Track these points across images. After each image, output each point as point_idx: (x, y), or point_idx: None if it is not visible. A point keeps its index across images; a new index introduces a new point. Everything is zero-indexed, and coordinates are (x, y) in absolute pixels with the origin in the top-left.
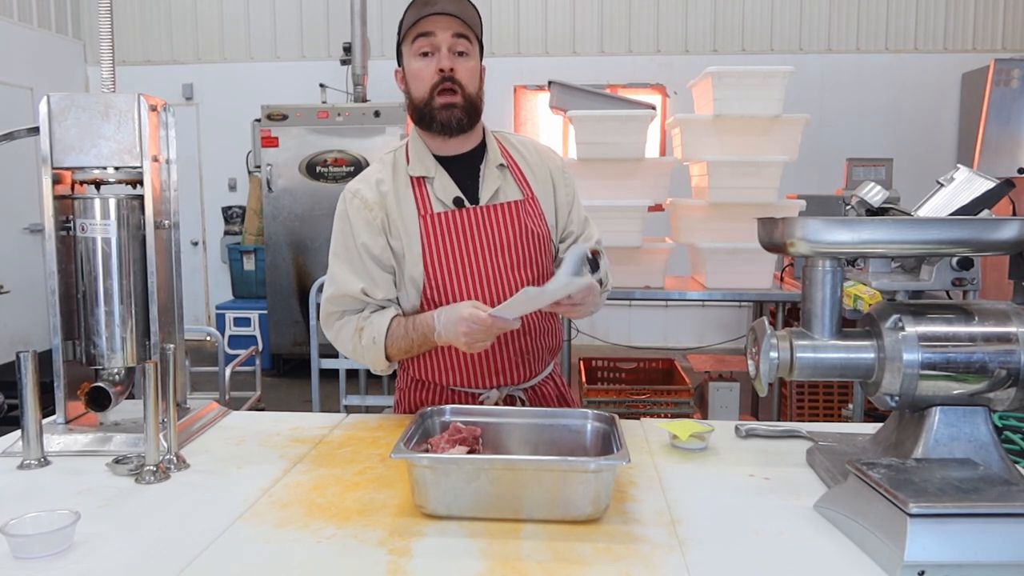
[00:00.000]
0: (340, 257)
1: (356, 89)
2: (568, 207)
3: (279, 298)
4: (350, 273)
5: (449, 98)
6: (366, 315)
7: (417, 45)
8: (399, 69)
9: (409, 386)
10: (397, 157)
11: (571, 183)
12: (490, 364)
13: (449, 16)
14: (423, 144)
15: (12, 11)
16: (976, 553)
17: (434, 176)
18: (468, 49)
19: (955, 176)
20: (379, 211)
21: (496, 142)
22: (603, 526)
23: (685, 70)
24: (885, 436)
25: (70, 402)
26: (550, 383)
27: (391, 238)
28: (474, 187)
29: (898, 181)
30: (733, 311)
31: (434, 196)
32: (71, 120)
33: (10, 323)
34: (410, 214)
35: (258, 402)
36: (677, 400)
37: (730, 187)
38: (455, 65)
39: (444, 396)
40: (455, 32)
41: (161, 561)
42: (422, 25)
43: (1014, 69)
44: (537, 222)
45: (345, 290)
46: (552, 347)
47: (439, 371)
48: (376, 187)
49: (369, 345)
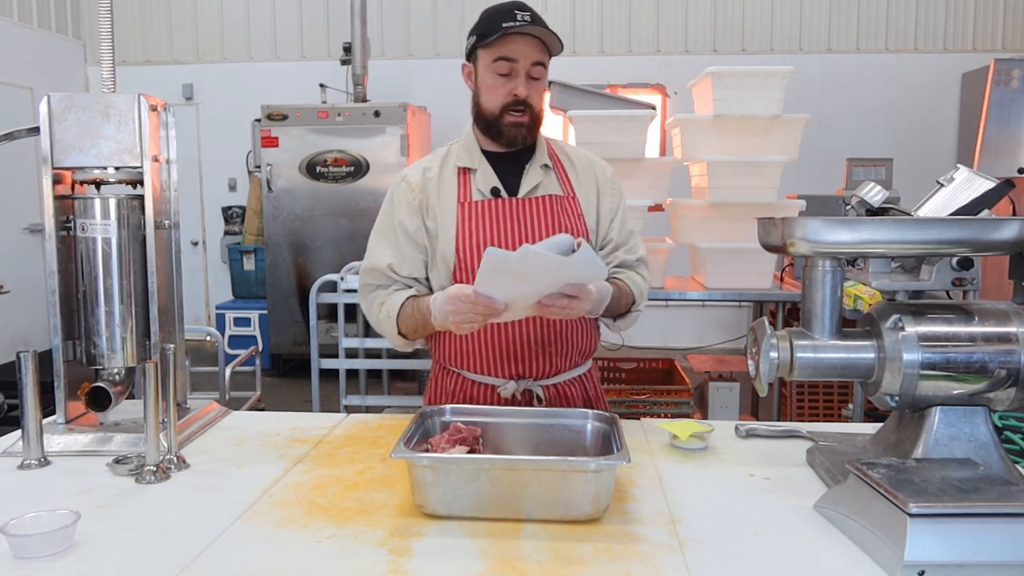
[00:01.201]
0: (379, 232)
1: (356, 89)
2: (611, 216)
3: (279, 298)
4: (384, 248)
5: (518, 118)
6: (389, 292)
7: (497, 65)
8: (467, 64)
9: (436, 376)
10: (451, 149)
11: (618, 195)
12: (506, 351)
13: (531, 38)
14: (474, 139)
15: (12, 11)
16: (976, 553)
17: (477, 168)
18: (542, 73)
19: (955, 176)
20: (419, 193)
21: (547, 145)
22: (603, 526)
23: (685, 70)
24: (885, 436)
25: (70, 402)
26: (576, 385)
27: (427, 219)
28: (516, 182)
29: (898, 181)
30: (733, 311)
31: (475, 186)
32: (71, 120)
33: (10, 323)
34: (449, 200)
35: (258, 402)
36: (677, 400)
37: (730, 187)
38: (530, 91)
39: (465, 388)
40: (535, 61)
41: (161, 561)
42: (506, 47)
43: (1014, 69)
44: (574, 219)
45: (375, 263)
46: (582, 348)
47: (458, 356)
48: (422, 173)
49: (385, 320)
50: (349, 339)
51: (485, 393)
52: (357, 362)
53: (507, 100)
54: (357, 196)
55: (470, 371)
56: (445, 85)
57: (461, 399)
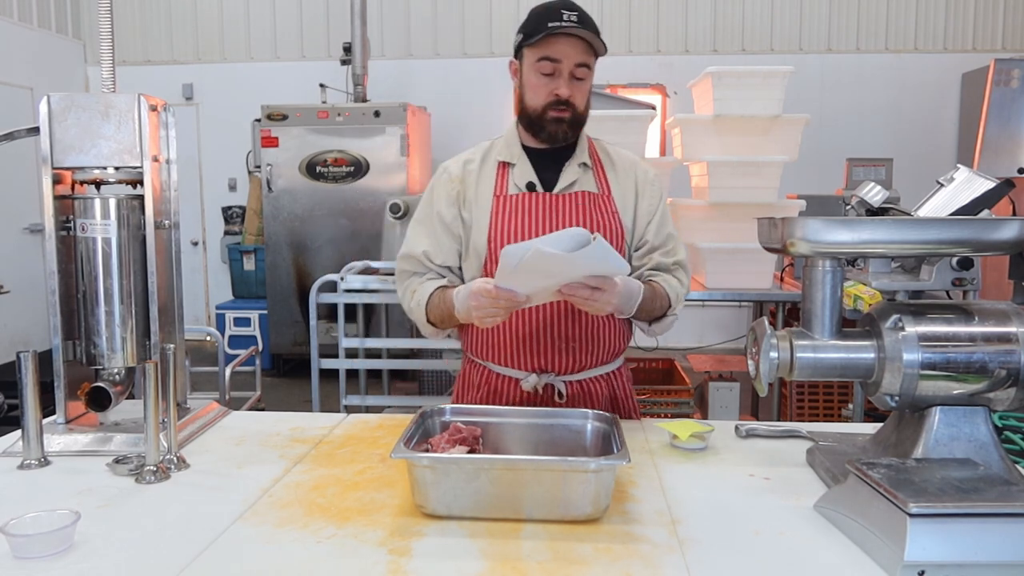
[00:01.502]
0: (419, 221)
1: (356, 89)
2: (648, 218)
3: (279, 298)
4: (421, 236)
5: (560, 114)
6: (422, 280)
7: (541, 64)
8: (514, 61)
9: (465, 369)
10: (494, 143)
11: (657, 197)
12: (529, 345)
13: (576, 39)
14: (516, 134)
15: (12, 11)
16: (976, 553)
17: (516, 163)
18: (587, 74)
19: (955, 176)
20: (458, 184)
21: (589, 144)
22: (603, 526)
23: (685, 70)
24: (885, 436)
25: (70, 402)
26: (602, 383)
27: (463, 209)
28: (554, 179)
29: (898, 181)
30: (733, 311)
31: (512, 180)
32: (71, 120)
33: (10, 323)
34: (486, 192)
35: (258, 402)
36: (677, 400)
37: (730, 187)
38: (573, 91)
39: (490, 380)
40: (578, 62)
41: (161, 561)
42: (550, 47)
43: (1014, 69)
44: (608, 217)
45: (411, 250)
46: (609, 347)
47: (484, 347)
48: (463, 165)
49: (416, 308)
50: (349, 339)
51: (509, 386)
52: (357, 362)
53: (549, 100)
54: (357, 196)
55: (495, 363)
56: (445, 85)
57: (486, 391)
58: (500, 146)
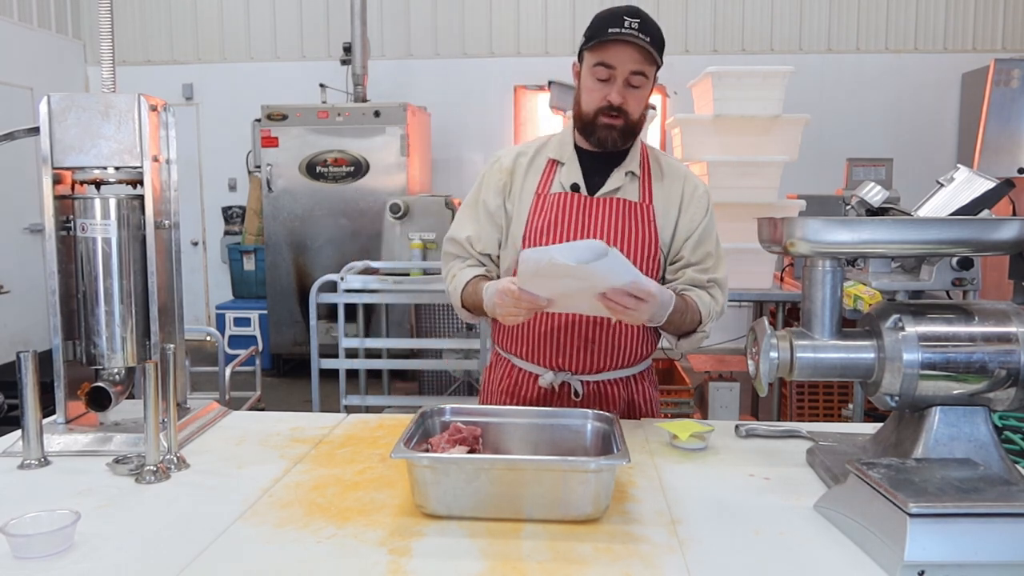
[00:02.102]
0: (467, 205)
1: (356, 89)
2: (688, 234)
3: (279, 298)
4: (467, 220)
5: (612, 120)
6: (461, 266)
7: (596, 70)
8: (576, 63)
9: (492, 362)
10: (551, 139)
11: (702, 213)
12: (548, 341)
13: (634, 46)
14: (571, 134)
15: (12, 11)
16: (976, 553)
17: (566, 162)
18: (643, 82)
19: (955, 176)
20: (507, 176)
21: (643, 154)
22: (603, 526)
23: (685, 70)
24: (885, 436)
25: (70, 402)
26: (620, 386)
27: (507, 201)
28: (600, 182)
29: (898, 181)
30: (733, 311)
31: (558, 179)
32: (71, 120)
33: (10, 323)
34: (530, 188)
35: (258, 402)
36: (677, 400)
37: (730, 187)
38: (626, 98)
39: (512, 375)
40: (634, 70)
41: (161, 561)
42: (606, 53)
43: (1014, 69)
44: (644, 227)
45: (456, 234)
46: (630, 351)
47: (507, 340)
48: (515, 157)
49: (452, 292)
50: (349, 339)
51: (528, 381)
52: (357, 362)
53: (602, 104)
54: (357, 196)
55: (516, 356)
56: (445, 85)
57: (508, 384)
58: (554, 143)
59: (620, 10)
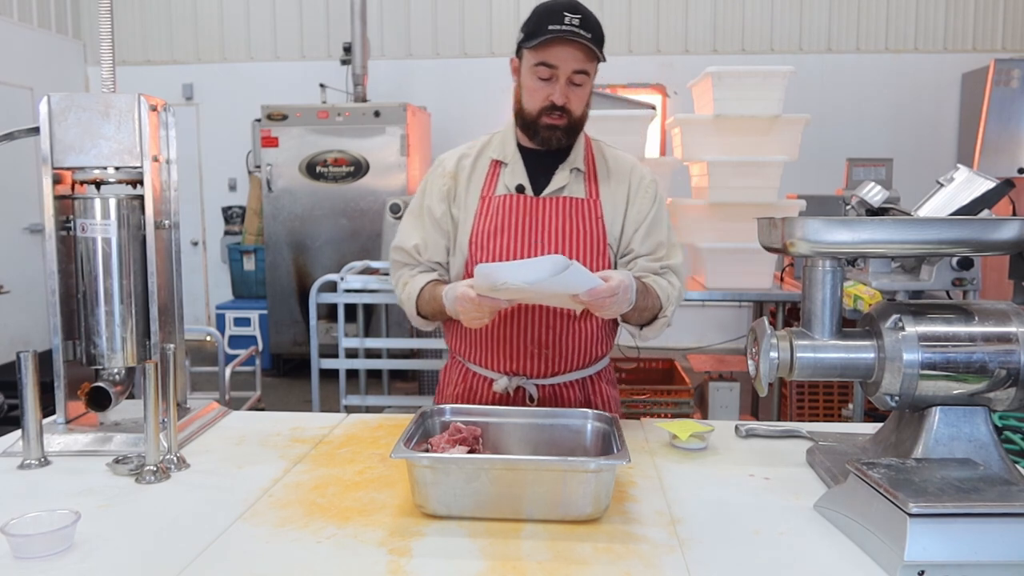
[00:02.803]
0: (411, 213)
1: (356, 89)
2: (636, 226)
3: (279, 298)
4: (412, 229)
5: (555, 120)
6: (413, 273)
7: (538, 69)
8: (515, 59)
9: (448, 366)
10: (492, 139)
11: (649, 204)
12: (503, 348)
13: (577, 45)
14: (513, 133)
15: (12, 11)
16: (976, 553)
17: (509, 163)
18: (585, 80)
19: (955, 176)
20: (450, 180)
21: (587, 149)
22: (603, 526)
23: (685, 70)
24: (885, 436)
25: (70, 402)
26: (576, 388)
27: (453, 206)
28: (545, 181)
29: (898, 181)
30: (733, 311)
31: (502, 181)
32: (71, 120)
33: (10, 323)
34: (475, 192)
35: (258, 402)
36: (677, 400)
37: (730, 187)
38: (569, 96)
39: (467, 379)
40: (577, 68)
41: (161, 561)
42: (548, 52)
43: (1014, 69)
44: (591, 224)
45: (402, 242)
46: (584, 353)
47: (462, 345)
48: (458, 160)
49: (406, 300)
50: (349, 339)
51: (482, 386)
52: (357, 362)
53: (545, 104)
54: (357, 196)
55: (471, 362)
56: (445, 85)
57: (463, 390)
58: (496, 143)
59: (561, 5)
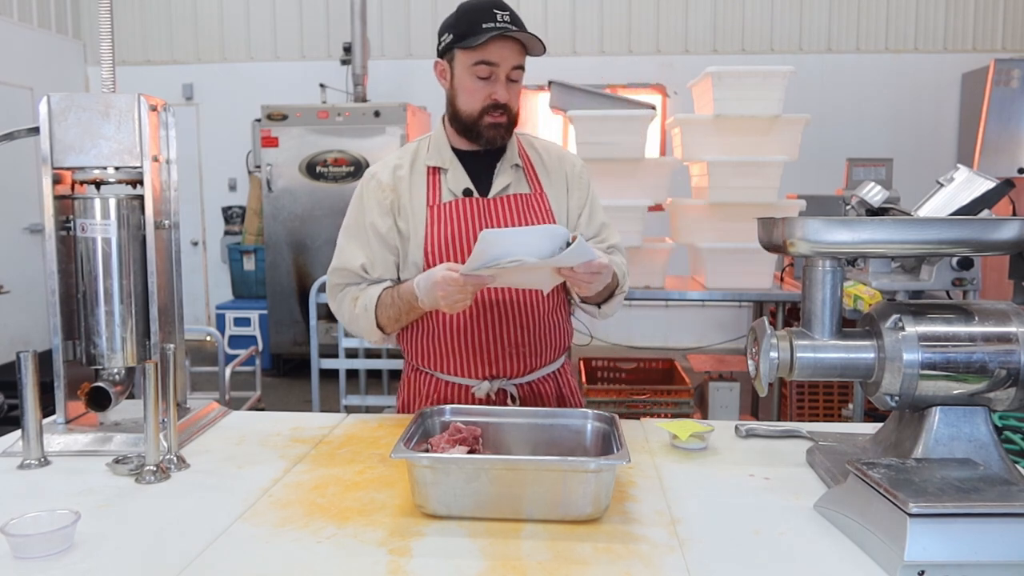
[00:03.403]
0: (350, 232)
1: (356, 89)
2: (579, 211)
3: (279, 298)
4: (356, 248)
5: (498, 119)
6: (363, 287)
7: (478, 68)
8: (440, 61)
9: (409, 377)
10: (420, 146)
11: (585, 188)
12: (481, 354)
13: (512, 41)
14: (445, 137)
15: (12, 11)
16: (976, 553)
17: (448, 168)
18: (520, 76)
19: (955, 176)
20: (391, 193)
21: (517, 143)
22: (603, 526)
23: (685, 70)
24: (885, 436)
25: (70, 402)
26: (550, 381)
27: (399, 219)
28: (487, 182)
29: (898, 181)
30: (733, 311)
31: (445, 187)
32: (71, 120)
33: (10, 323)
34: (419, 201)
35: (258, 402)
36: (677, 400)
37: (730, 187)
38: (510, 95)
39: (439, 388)
40: (515, 64)
41: (161, 561)
42: (488, 51)
43: (1014, 69)
44: (543, 216)
45: (347, 264)
46: (555, 346)
47: (430, 358)
48: (392, 171)
49: (362, 313)
50: (349, 339)
51: (459, 393)
52: (357, 362)
53: (487, 103)
54: None
55: (443, 372)
56: None
57: (435, 399)
58: (428, 150)
59: (488, 3)
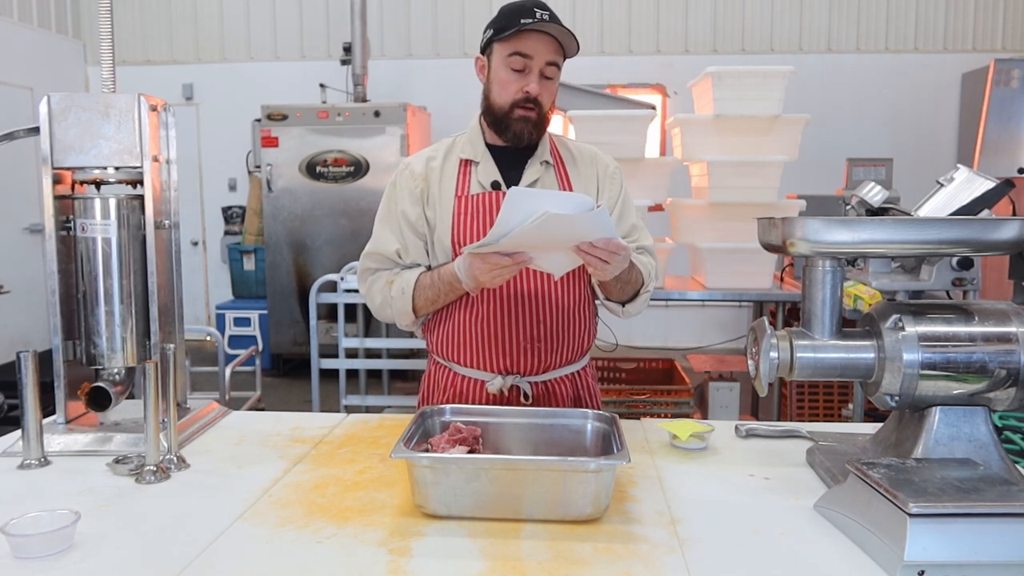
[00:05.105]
0: (383, 219)
1: (356, 89)
2: (610, 210)
3: (279, 298)
4: (389, 234)
5: (527, 113)
6: (397, 271)
7: (512, 60)
8: (480, 57)
9: (431, 371)
10: (457, 140)
11: (617, 188)
12: (495, 346)
13: (548, 37)
14: (480, 131)
15: (12, 11)
16: (976, 553)
17: (480, 161)
18: (555, 74)
19: (955, 176)
20: (421, 182)
21: (550, 142)
22: (603, 526)
23: (685, 70)
24: (885, 436)
25: (70, 402)
26: (567, 382)
27: (427, 208)
28: (517, 176)
29: (898, 181)
30: (733, 311)
31: (475, 179)
32: (71, 120)
33: (10, 323)
34: (448, 191)
35: (258, 402)
36: (677, 400)
37: (730, 187)
38: (541, 90)
39: (455, 382)
40: (549, 60)
41: (161, 561)
42: (523, 43)
43: (1014, 69)
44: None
45: (382, 248)
46: (575, 346)
47: (449, 348)
48: (426, 162)
49: (398, 295)
50: (349, 339)
51: (474, 388)
52: (357, 362)
53: (518, 96)
54: (357, 196)
55: (460, 364)
56: (445, 85)
57: (452, 393)
58: (463, 143)
59: (530, 2)
